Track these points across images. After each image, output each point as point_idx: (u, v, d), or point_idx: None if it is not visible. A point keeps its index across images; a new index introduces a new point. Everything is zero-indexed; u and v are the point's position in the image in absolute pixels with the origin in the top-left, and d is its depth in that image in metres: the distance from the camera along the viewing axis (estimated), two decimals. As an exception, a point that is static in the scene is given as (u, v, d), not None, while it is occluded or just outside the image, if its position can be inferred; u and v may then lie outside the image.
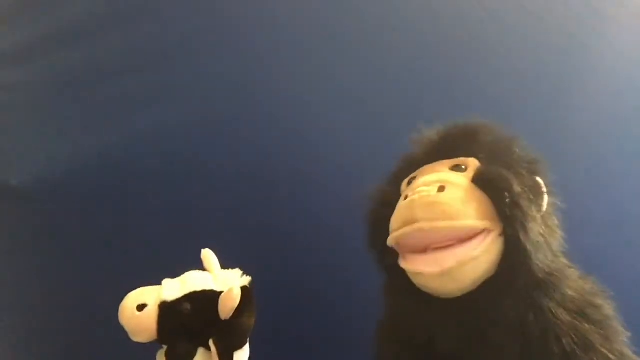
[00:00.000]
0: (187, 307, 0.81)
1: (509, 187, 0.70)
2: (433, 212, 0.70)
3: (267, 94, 1.22)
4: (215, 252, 0.89)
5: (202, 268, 0.88)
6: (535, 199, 0.73)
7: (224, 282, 0.84)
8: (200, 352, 0.82)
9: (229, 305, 0.80)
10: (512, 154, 0.78)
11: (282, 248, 1.17)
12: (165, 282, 0.84)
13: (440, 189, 0.71)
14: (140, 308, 0.80)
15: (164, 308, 0.80)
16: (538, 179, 0.76)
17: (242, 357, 0.83)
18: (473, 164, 0.76)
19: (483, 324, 0.71)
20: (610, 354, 0.72)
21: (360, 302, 0.97)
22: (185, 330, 0.82)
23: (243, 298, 0.81)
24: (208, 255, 0.88)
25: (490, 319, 0.71)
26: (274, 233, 1.18)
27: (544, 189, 0.76)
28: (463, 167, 0.76)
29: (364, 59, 1.25)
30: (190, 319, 0.81)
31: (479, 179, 0.73)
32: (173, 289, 0.82)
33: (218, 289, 0.83)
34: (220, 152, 1.21)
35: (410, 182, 0.79)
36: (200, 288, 0.83)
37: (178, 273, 0.87)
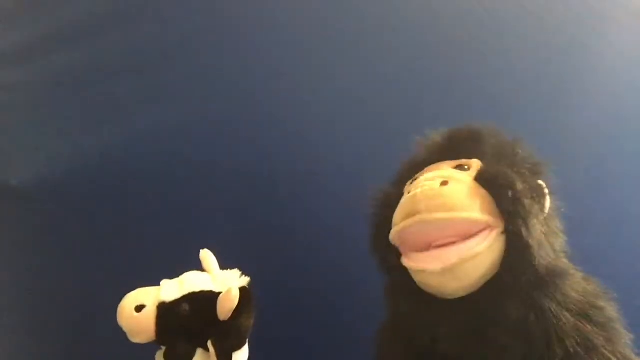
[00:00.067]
0: (185, 307, 0.81)
1: (512, 184, 0.70)
2: (435, 203, 0.70)
3: (267, 94, 1.22)
4: (215, 252, 0.89)
5: (201, 268, 0.88)
6: (538, 200, 0.73)
7: (223, 282, 0.84)
8: (199, 352, 0.82)
9: (228, 306, 0.80)
10: (515, 156, 0.78)
11: (281, 248, 1.17)
12: (164, 282, 0.84)
13: (443, 184, 0.71)
14: (139, 309, 0.80)
15: (163, 309, 0.80)
16: (540, 181, 0.76)
17: (241, 357, 0.83)
18: (476, 165, 0.77)
19: (485, 325, 0.71)
20: (613, 356, 0.72)
21: (361, 302, 0.98)
22: (184, 331, 0.82)
23: (242, 299, 0.81)
24: (207, 256, 0.88)
25: (493, 320, 0.71)
26: (274, 233, 1.18)
27: (547, 191, 0.76)
28: (466, 167, 0.77)
29: (364, 59, 1.24)
30: (189, 320, 0.81)
31: (482, 177, 0.73)
32: (171, 290, 0.82)
33: (217, 290, 0.83)
34: (220, 152, 1.21)
35: (414, 182, 0.79)
36: (199, 289, 0.83)
37: (177, 273, 0.87)
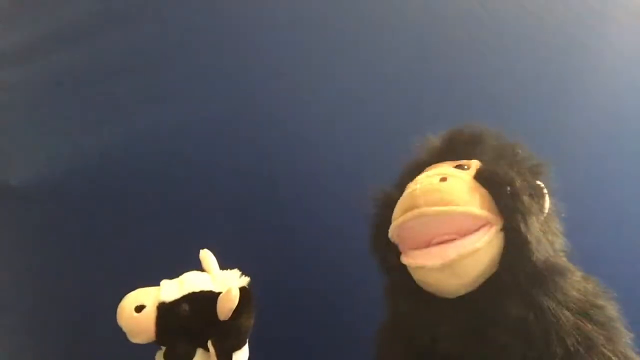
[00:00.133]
0: (185, 308, 0.81)
1: (510, 181, 0.71)
2: (433, 197, 0.70)
3: (267, 94, 1.22)
4: (214, 252, 0.90)
5: (200, 268, 0.88)
6: (537, 199, 0.73)
7: (223, 282, 0.84)
8: (199, 353, 0.82)
9: (228, 306, 0.80)
10: (515, 157, 0.79)
11: (281, 248, 1.17)
12: (164, 282, 0.84)
13: (442, 179, 0.72)
14: (139, 309, 0.80)
15: (162, 309, 0.80)
16: (539, 182, 0.76)
17: (241, 357, 0.83)
18: (475, 165, 0.77)
19: (485, 325, 0.71)
20: (613, 355, 0.72)
21: (361, 302, 0.98)
22: (184, 331, 0.82)
23: (242, 299, 0.81)
24: (207, 256, 0.88)
25: (492, 319, 0.71)
26: (274, 233, 1.18)
27: (546, 191, 0.76)
28: (465, 167, 0.77)
29: (364, 59, 1.24)
30: (189, 320, 0.81)
31: (481, 175, 0.74)
32: (171, 290, 0.82)
33: (216, 290, 0.83)
34: (220, 152, 1.21)
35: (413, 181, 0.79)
36: (199, 289, 0.83)
37: (177, 273, 0.87)
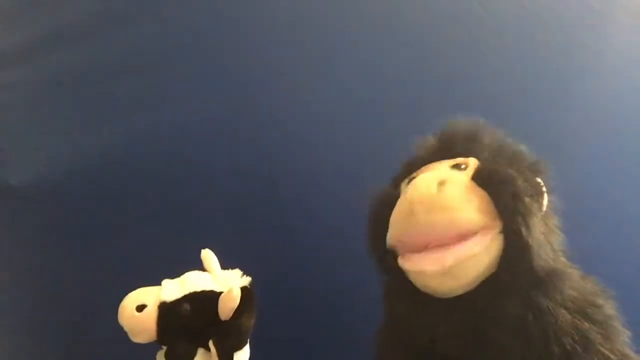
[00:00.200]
0: (186, 307, 0.81)
1: (511, 181, 0.70)
2: (432, 205, 0.69)
3: (267, 94, 1.22)
4: (215, 252, 0.89)
5: (201, 268, 0.88)
6: (536, 197, 0.73)
7: (224, 282, 0.84)
8: (200, 352, 0.82)
9: (229, 306, 0.80)
10: (512, 153, 0.78)
11: (281, 248, 1.17)
12: (165, 282, 0.84)
13: (440, 185, 0.70)
14: (140, 308, 0.80)
15: (164, 308, 0.80)
16: (538, 179, 0.76)
17: (242, 358, 0.84)
18: (473, 163, 0.76)
19: (484, 324, 0.71)
20: (612, 354, 0.71)
21: (361, 302, 0.97)
22: (185, 331, 0.82)
23: (243, 298, 0.81)
24: (208, 256, 0.88)
25: (491, 319, 0.70)
26: (274, 233, 1.18)
27: (545, 189, 0.75)
28: (463, 166, 0.76)
29: (364, 59, 1.24)
30: (190, 320, 0.81)
31: (480, 176, 0.72)
32: (172, 290, 0.82)
33: (218, 290, 0.83)
34: (220, 152, 1.21)
35: (410, 182, 0.78)
36: (200, 288, 0.83)
37: (177, 273, 0.87)
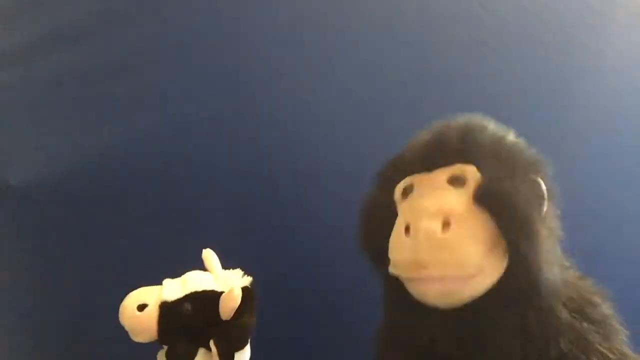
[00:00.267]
0: (187, 307, 0.81)
1: (513, 203, 0.68)
2: (440, 256, 0.67)
3: (267, 94, 1.22)
4: (215, 252, 0.90)
5: (202, 268, 0.88)
6: (538, 206, 0.71)
7: (225, 282, 0.84)
8: (201, 352, 0.82)
9: (230, 306, 0.80)
10: (510, 156, 0.74)
11: (281, 248, 1.17)
12: (166, 282, 0.84)
13: (445, 224, 0.68)
14: (141, 308, 0.80)
15: (165, 308, 0.80)
16: (539, 181, 0.74)
17: (243, 357, 0.84)
18: (472, 175, 0.72)
19: (483, 327, 0.70)
20: (610, 353, 0.71)
21: (361, 302, 0.97)
22: (186, 331, 0.82)
23: (244, 298, 0.81)
24: (209, 255, 0.88)
25: (491, 322, 0.70)
26: (274, 233, 1.18)
27: (545, 191, 0.75)
28: (462, 179, 0.72)
29: (364, 59, 1.24)
30: (191, 319, 0.81)
31: (481, 198, 0.70)
32: (174, 289, 0.82)
33: (219, 289, 0.83)
34: (220, 152, 1.21)
35: (407, 191, 0.75)
36: (201, 288, 0.83)
37: (178, 273, 0.87)
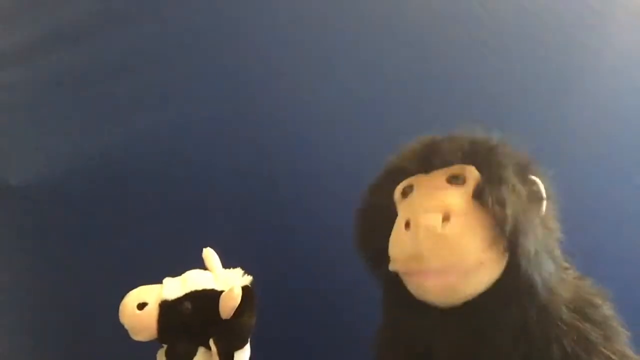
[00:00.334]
0: (187, 306, 0.81)
1: (510, 206, 0.68)
2: (440, 250, 0.68)
3: (267, 94, 1.22)
4: (216, 252, 0.89)
5: (202, 268, 0.88)
6: (535, 206, 0.72)
7: (225, 281, 0.84)
8: (201, 351, 0.82)
9: (230, 305, 0.80)
10: (508, 159, 0.75)
11: (281, 248, 1.17)
12: (166, 280, 0.84)
13: (444, 219, 0.68)
14: (141, 307, 0.80)
15: (165, 307, 0.80)
16: (537, 181, 0.75)
17: (242, 357, 0.83)
18: (471, 175, 0.73)
19: (484, 328, 0.71)
20: (612, 354, 0.72)
21: (361, 302, 0.97)
22: (186, 330, 0.82)
23: (244, 297, 0.81)
24: (209, 254, 0.88)
25: (491, 322, 0.70)
26: (274, 233, 1.18)
27: (543, 191, 0.75)
28: (461, 178, 0.73)
29: (364, 59, 1.24)
30: (191, 318, 0.81)
31: (480, 195, 0.71)
32: (174, 288, 0.82)
33: (219, 288, 0.83)
34: (220, 152, 1.21)
35: (406, 192, 0.76)
36: (201, 287, 0.83)
37: (178, 273, 0.87)
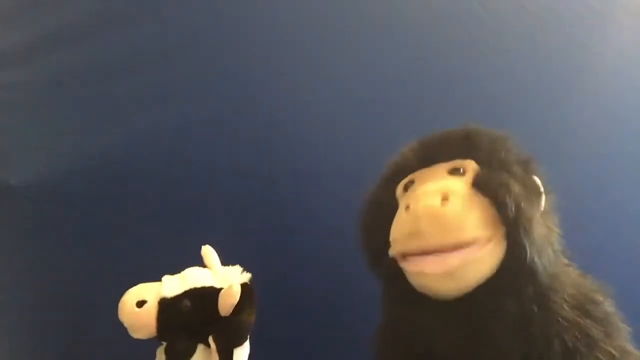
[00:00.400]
0: (186, 303, 0.81)
1: (510, 191, 0.69)
2: (438, 225, 0.69)
3: (267, 94, 1.22)
4: (216, 252, 0.89)
5: (202, 266, 0.88)
6: (535, 199, 0.73)
7: (224, 278, 0.84)
8: (200, 348, 0.82)
9: (229, 302, 0.80)
10: (507, 154, 0.76)
11: (281, 248, 1.17)
12: (165, 278, 0.84)
13: (444, 199, 0.69)
14: (140, 304, 0.80)
15: (164, 304, 0.80)
16: (535, 179, 0.75)
17: (242, 354, 0.83)
18: (471, 167, 0.75)
19: (483, 324, 0.71)
20: (613, 350, 0.72)
21: (361, 302, 0.97)
22: (185, 327, 0.82)
23: (243, 295, 0.81)
24: (208, 252, 0.88)
25: (491, 318, 0.70)
26: (274, 233, 1.18)
27: (542, 188, 0.75)
28: (461, 170, 0.75)
29: (364, 59, 1.25)
30: (190, 316, 0.81)
31: (479, 184, 0.72)
32: (173, 285, 0.82)
33: (218, 286, 0.83)
34: (220, 152, 1.21)
35: (407, 187, 0.77)
36: (200, 284, 0.83)
37: (177, 273, 0.87)
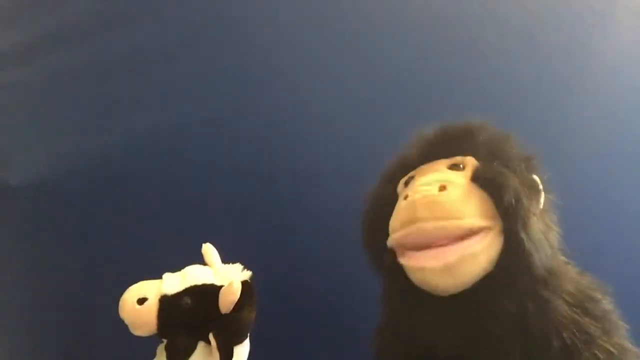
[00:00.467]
0: (187, 301, 0.81)
1: (509, 184, 0.70)
2: (435, 211, 0.70)
3: (267, 94, 1.22)
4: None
5: (202, 264, 0.88)
6: (534, 196, 0.73)
7: (225, 276, 0.84)
8: (201, 346, 0.82)
9: (230, 299, 0.80)
10: (508, 152, 0.78)
11: (281, 248, 1.17)
12: (166, 275, 0.84)
13: (442, 188, 0.71)
14: (141, 301, 0.79)
15: (165, 302, 0.80)
16: (535, 176, 0.76)
17: (242, 351, 0.83)
18: (471, 163, 0.77)
19: (483, 321, 0.71)
20: (611, 347, 0.72)
21: (361, 302, 0.97)
22: (185, 324, 0.81)
23: (243, 292, 0.81)
24: (209, 250, 0.88)
25: (490, 315, 0.71)
26: (274, 233, 1.18)
27: (541, 186, 0.76)
28: (461, 165, 0.76)
29: (364, 59, 1.25)
30: (191, 313, 0.81)
31: (479, 178, 0.73)
32: (173, 283, 0.82)
33: (218, 283, 0.83)
34: (220, 152, 1.21)
35: (408, 182, 0.79)
36: (201, 282, 0.83)
37: (177, 273, 0.87)
